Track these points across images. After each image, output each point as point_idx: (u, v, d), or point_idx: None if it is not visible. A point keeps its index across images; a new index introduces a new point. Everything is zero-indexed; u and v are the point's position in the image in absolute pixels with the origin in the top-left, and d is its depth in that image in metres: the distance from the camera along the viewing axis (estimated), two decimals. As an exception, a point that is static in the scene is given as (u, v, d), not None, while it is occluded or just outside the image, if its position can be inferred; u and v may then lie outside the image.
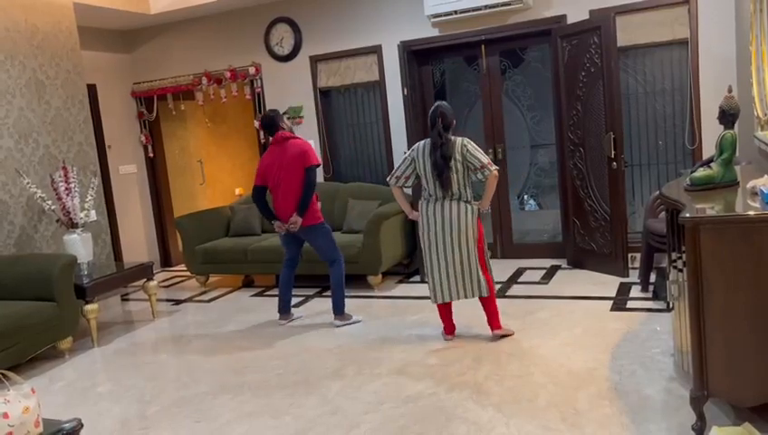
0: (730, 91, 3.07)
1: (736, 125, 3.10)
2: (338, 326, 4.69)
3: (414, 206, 4.34)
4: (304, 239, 4.76)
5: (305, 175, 4.57)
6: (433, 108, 4.01)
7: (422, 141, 4.08)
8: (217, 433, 3.21)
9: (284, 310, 4.93)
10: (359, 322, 4.76)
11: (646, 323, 4.11)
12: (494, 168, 3.93)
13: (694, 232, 2.47)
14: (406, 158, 4.12)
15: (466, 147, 3.93)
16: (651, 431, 2.76)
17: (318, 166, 4.67)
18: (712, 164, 3.10)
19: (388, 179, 4.23)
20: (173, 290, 6.54)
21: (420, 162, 4.02)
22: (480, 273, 4.01)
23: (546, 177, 6.43)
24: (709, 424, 2.62)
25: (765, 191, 2.50)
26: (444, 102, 4.09)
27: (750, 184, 2.76)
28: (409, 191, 4.74)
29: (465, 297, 4.05)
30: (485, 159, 3.93)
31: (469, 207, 3.97)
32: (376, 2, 6.24)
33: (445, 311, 4.19)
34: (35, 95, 5.39)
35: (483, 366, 3.69)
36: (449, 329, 4.21)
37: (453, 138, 3.96)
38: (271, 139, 4.74)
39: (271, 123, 4.69)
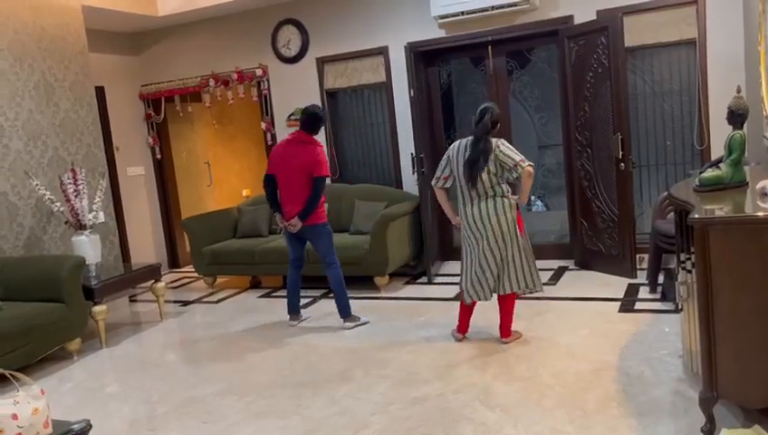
0: (739, 91, 3.06)
1: (745, 125, 3.09)
2: (349, 329, 4.67)
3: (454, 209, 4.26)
4: (308, 238, 4.75)
5: (314, 183, 4.56)
6: (483, 107, 3.96)
7: (461, 140, 4.04)
8: (225, 434, 3.21)
9: (294, 311, 4.94)
10: (367, 322, 4.76)
11: (654, 324, 4.10)
12: (526, 164, 3.87)
13: (703, 233, 2.46)
14: (444, 159, 4.09)
15: (499, 147, 3.89)
16: (659, 433, 2.75)
17: (327, 177, 4.65)
18: (721, 165, 3.08)
19: (432, 182, 4.18)
20: (181, 291, 6.56)
21: (454, 161, 3.99)
22: (534, 266, 3.99)
23: (553, 178, 6.42)
24: (718, 426, 2.60)
25: (775, 192, 2.49)
26: (491, 105, 4.03)
27: (759, 185, 2.75)
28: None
29: (510, 290, 3.98)
30: (518, 156, 3.87)
31: (506, 200, 3.93)
32: (383, 3, 6.24)
33: (467, 309, 4.16)
34: (44, 97, 5.42)
35: (490, 367, 3.68)
36: (463, 328, 4.18)
37: (492, 139, 3.95)
38: (297, 130, 4.66)
39: (318, 120, 4.62)
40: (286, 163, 4.62)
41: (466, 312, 4.18)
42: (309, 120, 4.63)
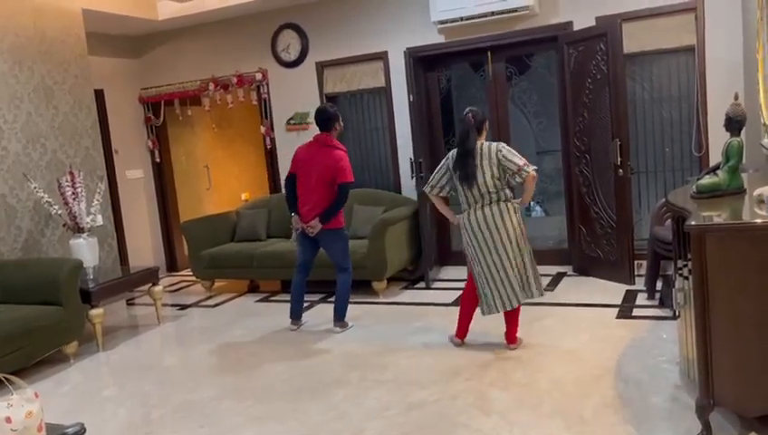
0: (737, 98, 3.06)
1: (743, 132, 3.09)
2: (337, 333, 4.70)
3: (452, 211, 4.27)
4: (323, 242, 4.72)
5: (339, 190, 4.55)
6: (467, 109, 3.98)
7: (456, 148, 4.04)
8: (221, 439, 3.21)
9: (296, 316, 4.93)
10: (352, 326, 4.79)
11: (652, 330, 4.10)
12: (531, 168, 3.89)
13: (700, 240, 2.46)
14: (441, 166, 4.08)
15: (501, 151, 3.90)
16: (657, 440, 2.75)
17: (351, 183, 4.61)
18: (718, 171, 3.08)
19: (423, 188, 4.17)
20: (178, 295, 6.55)
21: (453, 169, 3.99)
22: (534, 272, 3.96)
23: (552, 183, 6.43)
24: (715, 434, 2.60)
25: (772, 199, 2.49)
26: (474, 108, 4.05)
27: (757, 192, 2.75)
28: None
29: (518, 303, 3.97)
30: (521, 161, 3.88)
31: (510, 205, 3.93)
32: (382, 8, 6.26)
33: (466, 314, 4.14)
34: (43, 100, 5.42)
35: (488, 373, 3.68)
36: (462, 333, 4.16)
37: (485, 142, 3.95)
38: (318, 132, 4.66)
39: (328, 118, 4.61)
40: (307, 165, 4.62)
41: (467, 316, 4.16)
42: (321, 116, 4.63)
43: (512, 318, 4.05)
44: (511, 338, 4.06)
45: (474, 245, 3.97)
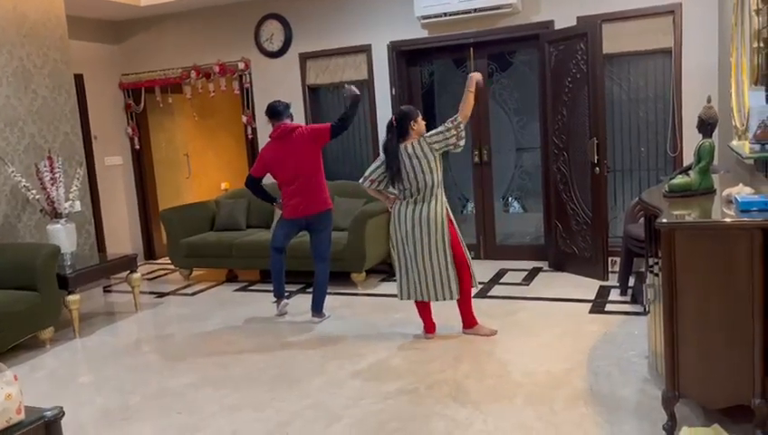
0: (709, 101, 3.15)
1: (717, 134, 3.18)
2: (316, 323, 4.75)
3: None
4: (315, 227, 4.74)
5: (333, 131, 4.63)
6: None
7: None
8: (199, 425, 3.23)
9: (281, 294, 4.96)
10: (329, 317, 4.84)
11: (623, 325, 4.19)
12: (457, 120, 3.99)
13: (669, 237, 2.53)
14: (380, 163, 4.14)
15: (427, 138, 4.01)
16: (624, 431, 2.83)
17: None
18: (690, 172, 3.17)
19: (360, 181, 4.23)
20: (156, 283, 6.53)
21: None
22: (452, 275, 4.05)
23: (530, 180, 6.50)
24: (680, 425, 2.69)
25: (740, 199, 2.58)
26: (402, 107, 4.23)
27: (725, 192, 2.83)
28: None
29: (435, 299, 4.10)
30: (444, 126, 4.01)
31: (439, 207, 4.03)
32: (366, 1, 6.27)
33: (424, 310, 4.24)
34: (22, 84, 5.36)
35: (463, 365, 3.74)
36: (429, 327, 4.26)
37: (413, 141, 4.02)
38: (273, 126, 4.73)
39: (280, 111, 4.71)
40: (282, 160, 4.64)
41: (425, 311, 4.25)
42: (272, 112, 4.75)
43: (462, 305, 4.16)
44: (465, 323, 4.19)
45: (399, 233, 4.09)
